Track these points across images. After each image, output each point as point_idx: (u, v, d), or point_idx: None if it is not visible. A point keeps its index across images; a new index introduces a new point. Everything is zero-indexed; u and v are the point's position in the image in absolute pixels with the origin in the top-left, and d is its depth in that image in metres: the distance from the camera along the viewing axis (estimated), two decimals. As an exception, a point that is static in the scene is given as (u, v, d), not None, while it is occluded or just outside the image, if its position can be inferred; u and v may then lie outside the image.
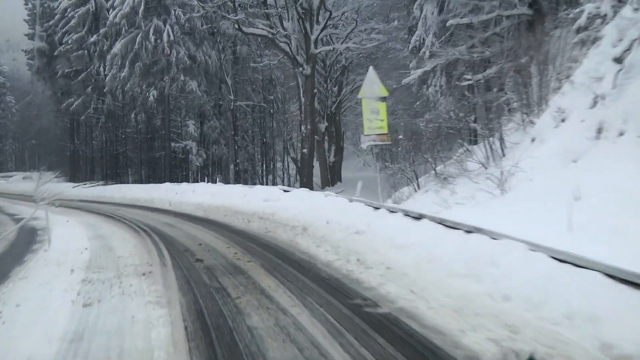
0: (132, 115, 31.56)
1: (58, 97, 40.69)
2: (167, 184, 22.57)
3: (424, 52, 16.34)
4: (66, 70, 36.53)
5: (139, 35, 28.40)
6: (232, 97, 30.75)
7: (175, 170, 31.62)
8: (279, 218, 10.26)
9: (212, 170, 34.23)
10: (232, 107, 31.30)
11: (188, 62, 28.62)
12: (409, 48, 18.00)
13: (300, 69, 22.94)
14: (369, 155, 30.48)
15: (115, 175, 35.61)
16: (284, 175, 35.67)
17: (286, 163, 35.88)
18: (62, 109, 39.67)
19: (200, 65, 30.07)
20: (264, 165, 35.80)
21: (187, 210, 14.99)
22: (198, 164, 30.56)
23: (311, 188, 19.40)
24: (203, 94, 30.53)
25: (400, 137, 16.34)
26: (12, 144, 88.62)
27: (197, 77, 30.08)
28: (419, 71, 16.60)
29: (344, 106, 29.81)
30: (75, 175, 40.50)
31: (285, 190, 13.33)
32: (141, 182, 30.57)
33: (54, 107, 45.44)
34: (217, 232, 9.60)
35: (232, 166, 31.93)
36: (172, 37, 27.84)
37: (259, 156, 36.56)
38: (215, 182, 21.37)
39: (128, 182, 32.76)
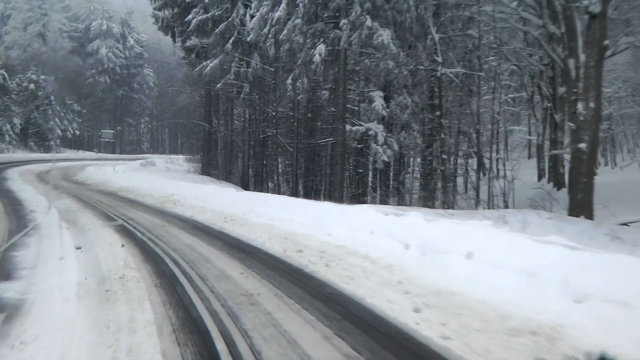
0: (289, 80, 26.14)
1: (191, 60, 37.57)
2: (368, 209, 14.54)
3: None
4: (200, 18, 32.76)
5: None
6: (438, 59, 24.35)
7: (348, 166, 25.94)
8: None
9: (398, 168, 27.95)
10: (438, 75, 24.84)
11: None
12: None
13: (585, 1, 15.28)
14: None
15: (260, 170, 31.35)
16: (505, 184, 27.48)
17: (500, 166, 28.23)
18: (194, 75, 36.20)
19: (395, 8, 23.96)
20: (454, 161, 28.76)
21: None
22: (385, 158, 24.18)
23: (590, 215, 14.65)
24: (399, 51, 24.27)
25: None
26: (148, 122, 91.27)
27: (389, 25, 24.12)
28: None
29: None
30: (209, 166, 36.74)
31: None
32: (294, 187, 26.92)
33: (189, 76, 43.00)
34: None
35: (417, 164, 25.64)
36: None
37: (455, 150, 29.44)
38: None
39: (275, 186, 28.85)
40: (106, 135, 74.90)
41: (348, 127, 24.58)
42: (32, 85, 58.47)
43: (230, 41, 31.18)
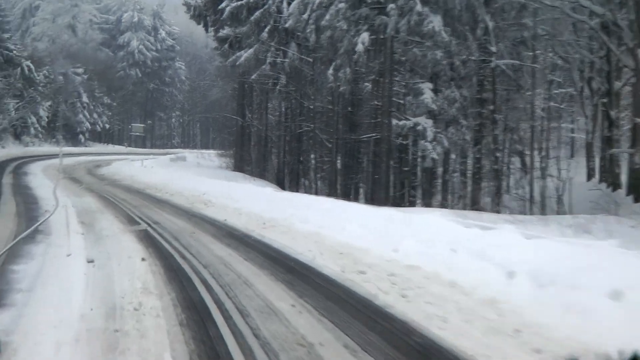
0: (331, 71, 24.30)
1: (224, 50, 36.14)
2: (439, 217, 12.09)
3: None
4: (234, 5, 31.12)
5: None
6: (492, 49, 22.78)
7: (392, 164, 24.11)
8: None
9: (443, 167, 26.02)
10: (492, 66, 23.30)
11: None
12: None
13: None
14: None
15: (295, 167, 29.70)
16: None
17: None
18: (227, 66, 34.68)
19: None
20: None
21: None
22: (435, 156, 22.30)
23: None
24: (450, 39, 22.62)
25: None
26: (179, 116, 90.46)
27: (439, 12, 22.56)
28: None
29: None
30: (242, 162, 35.20)
31: None
32: (332, 186, 24.79)
33: (221, 68, 41.61)
34: None
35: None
36: None
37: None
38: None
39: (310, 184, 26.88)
40: (136, 129, 73.67)
41: (394, 121, 22.73)
42: (60, 77, 57.51)
43: (266, 30, 29.49)
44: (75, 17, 75.76)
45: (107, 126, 67.83)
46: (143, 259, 8.33)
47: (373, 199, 21.80)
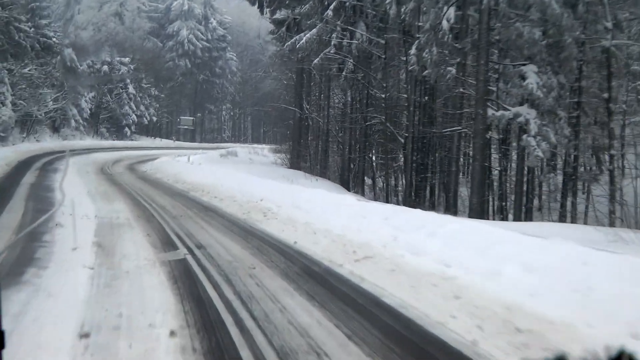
0: (413, 51, 20.53)
1: (281, 34, 33.11)
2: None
3: None
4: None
5: None
6: (607, 25, 19.38)
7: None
8: None
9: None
10: (608, 46, 19.78)
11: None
12: None
13: None
14: None
15: (361, 165, 26.34)
16: None
17: None
18: (285, 50, 31.44)
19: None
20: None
21: None
22: (540, 153, 18.41)
23: None
24: (562, 11, 19.01)
25: None
26: (230, 109, 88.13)
27: None
28: None
29: None
30: (299, 158, 31.90)
31: None
32: (407, 189, 20.83)
33: (276, 56, 38.46)
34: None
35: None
36: None
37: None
38: None
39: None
40: (185, 122, 71.40)
41: (491, 112, 18.96)
42: (105, 67, 55.14)
43: (332, 7, 25.93)
44: (123, 5, 73.54)
45: (155, 119, 65.32)
46: (172, 333, 4.88)
47: (472, 210, 18.08)
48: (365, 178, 28.89)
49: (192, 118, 72.91)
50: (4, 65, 35.42)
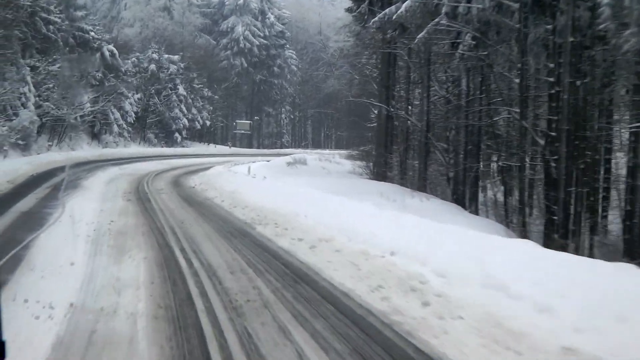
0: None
1: (362, 11, 27.39)
2: None
3: None
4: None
5: None
6: None
7: None
8: None
9: None
10: None
11: None
12: None
13: None
14: None
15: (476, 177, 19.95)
16: None
17: None
18: (372, 27, 25.30)
19: None
20: None
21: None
22: None
23: None
24: None
25: None
26: (290, 112, 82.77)
27: None
28: None
29: None
30: (386, 166, 25.62)
31: None
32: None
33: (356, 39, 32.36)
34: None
35: None
36: None
37: None
38: None
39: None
40: (242, 127, 66.15)
41: None
42: (152, 66, 49.89)
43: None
44: (172, -1, 68.74)
45: (208, 123, 59.85)
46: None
47: None
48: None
49: (249, 122, 67.70)
50: (26, 62, 30.13)
